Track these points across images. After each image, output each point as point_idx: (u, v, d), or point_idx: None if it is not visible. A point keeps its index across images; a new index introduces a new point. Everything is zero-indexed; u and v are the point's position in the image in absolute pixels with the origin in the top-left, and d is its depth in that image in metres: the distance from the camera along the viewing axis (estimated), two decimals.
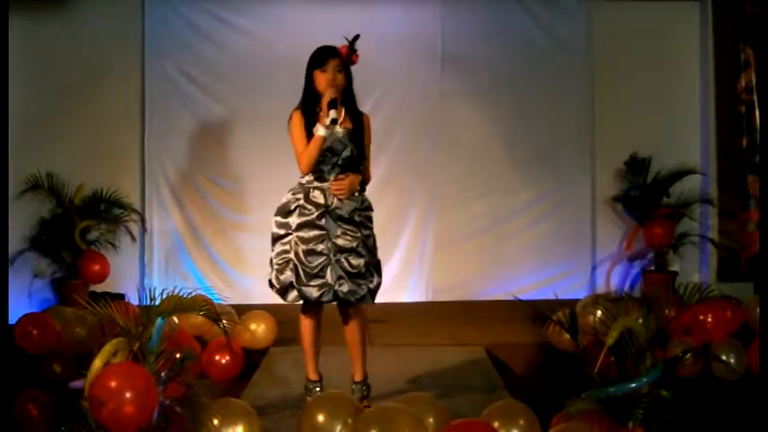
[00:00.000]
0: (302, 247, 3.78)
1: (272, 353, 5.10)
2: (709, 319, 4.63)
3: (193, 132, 6.62)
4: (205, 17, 6.59)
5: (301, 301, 3.86)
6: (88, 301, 3.22)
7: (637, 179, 6.60)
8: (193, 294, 3.29)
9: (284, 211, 3.88)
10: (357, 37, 3.87)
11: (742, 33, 6.34)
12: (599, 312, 3.71)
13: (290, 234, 3.83)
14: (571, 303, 4.89)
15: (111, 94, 6.53)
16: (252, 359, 4.97)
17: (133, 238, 6.49)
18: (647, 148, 6.61)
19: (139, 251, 6.60)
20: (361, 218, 3.87)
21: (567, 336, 3.61)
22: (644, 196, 6.54)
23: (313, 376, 4.01)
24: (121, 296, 6.13)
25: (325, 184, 3.83)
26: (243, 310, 5.27)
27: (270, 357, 5.03)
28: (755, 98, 6.33)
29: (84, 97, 6.47)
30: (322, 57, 3.86)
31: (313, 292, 3.76)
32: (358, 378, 3.99)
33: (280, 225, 3.87)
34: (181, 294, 3.21)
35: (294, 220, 3.83)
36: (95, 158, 6.47)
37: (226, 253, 6.64)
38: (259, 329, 5.14)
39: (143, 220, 6.54)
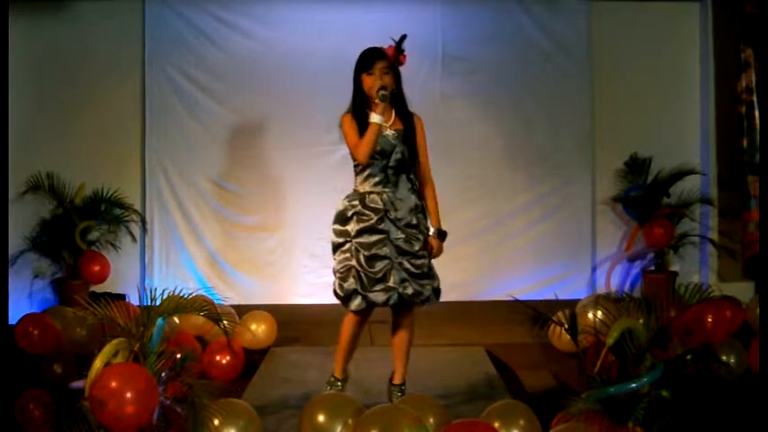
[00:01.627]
0: (364, 252, 3.75)
1: (273, 353, 5.11)
2: (710, 319, 4.62)
3: (194, 132, 6.63)
4: (205, 17, 6.60)
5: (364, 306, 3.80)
6: (89, 302, 3.22)
7: (637, 179, 6.60)
8: (194, 295, 3.30)
9: (342, 219, 3.84)
10: (404, 37, 3.80)
11: (742, 33, 6.34)
12: (599, 313, 3.70)
13: (350, 241, 3.79)
14: (571, 304, 4.89)
15: (112, 94, 6.54)
16: (252, 359, 4.97)
17: (134, 239, 6.49)
18: (647, 148, 6.61)
19: (140, 251, 6.60)
20: (417, 219, 3.86)
21: (567, 336, 3.61)
22: (644, 196, 6.54)
23: (339, 374, 3.99)
24: (122, 296, 6.13)
25: (379, 188, 3.81)
26: (243, 311, 5.27)
27: (270, 358, 5.03)
28: (755, 98, 6.32)
29: (85, 97, 6.47)
30: (369, 59, 3.80)
31: (379, 297, 3.75)
32: (397, 381, 3.99)
33: (339, 233, 3.84)
34: (181, 295, 3.21)
35: (353, 227, 3.79)
36: (96, 159, 6.47)
37: (226, 253, 6.64)
38: (260, 330, 5.14)
39: (143, 221, 6.54)
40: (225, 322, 3.46)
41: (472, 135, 6.76)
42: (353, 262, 3.77)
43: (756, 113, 6.34)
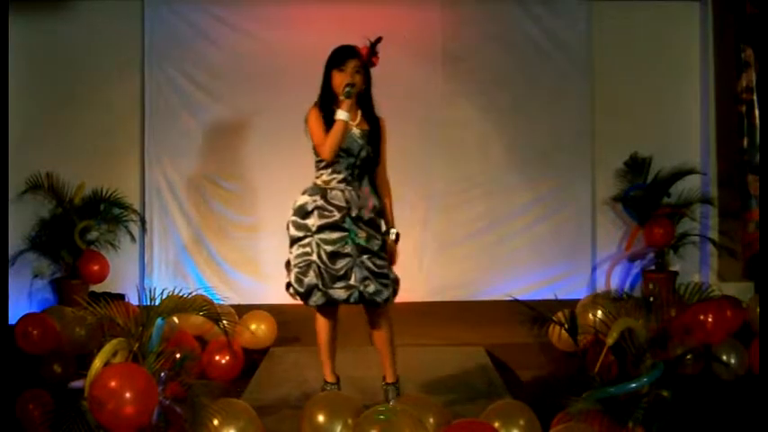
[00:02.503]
0: (325, 248, 3.74)
1: (273, 353, 5.10)
2: (710, 319, 4.62)
3: (193, 132, 6.63)
4: (205, 17, 6.60)
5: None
6: (88, 302, 3.22)
7: (637, 179, 6.60)
8: (193, 294, 3.30)
9: (302, 213, 3.82)
10: (379, 39, 3.81)
11: (742, 33, 6.33)
12: (599, 312, 3.71)
13: (310, 236, 3.78)
14: (571, 304, 4.88)
15: (111, 93, 6.53)
16: (252, 359, 4.97)
17: (133, 239, 6.49)
18: (647, 148, 6.61)
19: (139, 251, 6.60)
20: (377, 219, 3.88)
21: (567, 336, 3.61)
22: (644, 196, 6.54)
23: (330, 378, 3.98)
24: (121, 296, 6.12)
25: (342, 185, 3.81)
26: (243, 311, 5.27)
27: (270, 357, 5.03)
28: (755, 98, 6.32)
29: (84, 97, 6.47)
30: (341, 56, 3.81)
31: (340, 294, 3.74)
32: (390, 379, 3.97)
33: (298, 227, 3.82)
34: (181, 294, 3.21)
35: (314, 222, 3.78)
36: (95, 158, 6.47)
37: (226, 253, 6.64)
38: (259, 330, 5.14)
39: (143, 220, 6.54)
40: (224, 322, 3.46)
41: (472, 135, 6.76)
42: (314, 257, 3.75)
43: (756, 113, 6.33)
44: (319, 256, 3.74)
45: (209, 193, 6.66)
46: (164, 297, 3.18)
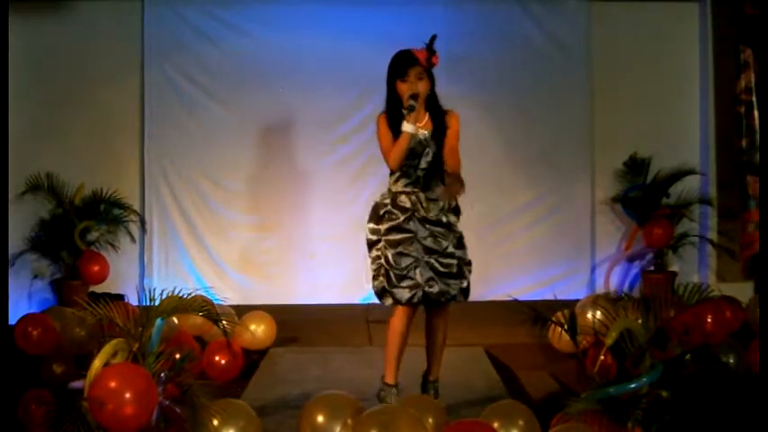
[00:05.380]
0: (391, 250, 3.81)
1: (272, 353, 5.10)
2: (709, 320, 4.62)
3: (193, 133, 6.63)
4: (205, 18, 6.60)
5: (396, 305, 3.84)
6: (88, 302, 3.22)
7: (636, 179, 6.61)
8: (193, 295, 3.29)
9: (375, 217, 3.89)
10: (434, 38, 3.80)
11: (742, 34, 6.34)
12: (598, 313, 3.70)
13: (380, 239, 3.85)
14: (570, 304, 4.88)
15: (111, 94, 6.54)
16: (252, 360, 4.97)
17: (133, 239, 6.49)
18: (646, 148, 6.61)
19: (139, 252, 6.60)
20: (448, 218, 3.87)
21: (567, 336, 3.61)
22: (643, 197, 6.55)
23: (390, 380, 3.93)
24: (121, 297, 6.12)
25: (410, 188, 3.83)
26: (243, 311, 5.27)
27: (270, 358, 5.03)
28: (755, 99, 6.32)
29: (84, 98, 6.48)
30: (402, 66, 3.80)
31: (404, 294, 3.79)
32: (432, 377, 4.04)
33: (372, 231, 3.90)
34: (180, 295, 3.21)
35: (384, 226, 3.85)
36: (95, 159, 6.48)
37: (225, 253, 6.65)
38: (259, 330, 5.14)
39: (143, 221, 6.54)
40: (224, 322, 3.46)
41: (472, 135, 6.71)
42: (382, 260, 3.84)
43: (756, 114, 6.33)
44: (386, 258, 3.82)
45: (208, 193, 6.66)
46: (163, 297, 3.18)
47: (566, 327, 3.54)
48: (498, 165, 6.76)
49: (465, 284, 3.91)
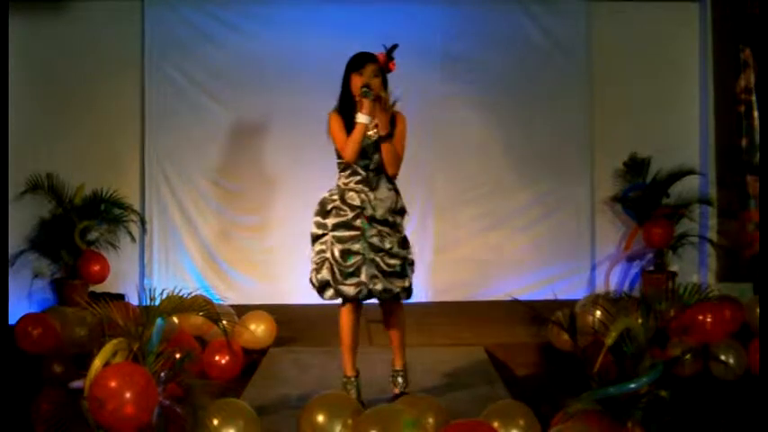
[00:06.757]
0: (338, 246, 3.91)
1: (272, 353, 5.10)
2: (709, 320, 4.63)
3: (193, 132, 6.63)
4: (205, 17, 6.61)
5: (339, 300, 3.95)
6: (88, 302, 3.23)
7: (636, 179, 6.60)
8: (193, 295, 3.30)
9: (323, 212, 4.01)
10: (395, 46, 3.97)
11: (741, 34, 6.34)
12: (598, 312, 3.71)
13: (327, 234, 3.95)
14: (570, 304, 4.89)
15: (112, 94, 6.54)
16: (252, 359, 4.98)
17: (133, 239, 6.49)
18: (646, 148, 6.61)
19: (139, 251, 6.61)
20: (394, 218, 3.97)
21: (567, 336, 3.61)
22: (643, 196, 6.55)
23: (350, 372, 4.06)
24: (121, 296, 6.13)
25: (360, 186, 3.93)
26: (243, 311, 5.27)
27: (270, 357, 5.03)
28: (754, 98, 6.33)
29: (85, 98, 6.48)
30: (360, 61, 3.96)
31: (350, 291, 3.89)
32: (398, 366, 4.12)
33: (318, 225, 4.01)
34: (181, 294, 3.22)
35: (331, 221, 3.96)
36: (95, 159, 6.48)
37: (225, 253, 6.65)
38: (259, 330, 5.14)
39: (143, 221, 6.54)
40: (224, 322, 3.47)
41: (472, 135, 6.76)
42: (328, 254, 3.93)
43: (755, 113, 6.35)
44: (332, 254, 3.92)
45: (209, 192, 6.67)
46: (164, 297, 3.18)
47: (565, 326, 3.55)
48: (498, 165, 6.76)
49: (407, 284, 3.99)
